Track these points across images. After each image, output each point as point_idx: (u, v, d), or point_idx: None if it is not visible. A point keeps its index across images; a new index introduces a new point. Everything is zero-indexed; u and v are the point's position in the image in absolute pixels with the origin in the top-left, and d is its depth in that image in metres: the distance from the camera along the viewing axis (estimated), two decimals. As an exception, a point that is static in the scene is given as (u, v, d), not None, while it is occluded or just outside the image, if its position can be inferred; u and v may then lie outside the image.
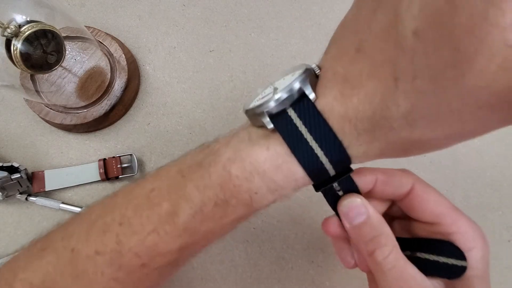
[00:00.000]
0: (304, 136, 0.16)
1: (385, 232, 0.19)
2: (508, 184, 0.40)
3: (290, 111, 0.16)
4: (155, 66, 0.40)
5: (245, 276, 0.35)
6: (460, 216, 0.19)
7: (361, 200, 0.19)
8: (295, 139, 0.16)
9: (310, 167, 0.17)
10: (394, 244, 0.18)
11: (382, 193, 0.21)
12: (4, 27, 0.26)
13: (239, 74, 0.41)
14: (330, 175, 0.17)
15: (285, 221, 0.37)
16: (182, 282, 0.35)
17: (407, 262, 0.18)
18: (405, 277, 0.18)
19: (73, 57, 0.37)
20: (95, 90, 0.36)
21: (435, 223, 0.20)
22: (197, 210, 0.18)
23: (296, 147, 0.16)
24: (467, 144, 0.41)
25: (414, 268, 0.18)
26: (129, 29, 0.41)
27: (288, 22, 0.42)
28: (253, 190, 0.17)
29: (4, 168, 0.33)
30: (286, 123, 0.16)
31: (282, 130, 0.16)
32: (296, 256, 0.36)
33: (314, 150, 0.16)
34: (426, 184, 0.21)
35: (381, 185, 0.20)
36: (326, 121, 0.16)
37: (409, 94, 0.13)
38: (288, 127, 0.16)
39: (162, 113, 0.39)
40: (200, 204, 0.18)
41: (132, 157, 0.37)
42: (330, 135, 0.16)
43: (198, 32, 0.42)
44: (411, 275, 0.18)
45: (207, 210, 0.18)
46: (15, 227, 0.35)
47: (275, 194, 0.18)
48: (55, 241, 0.20)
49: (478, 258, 0.18)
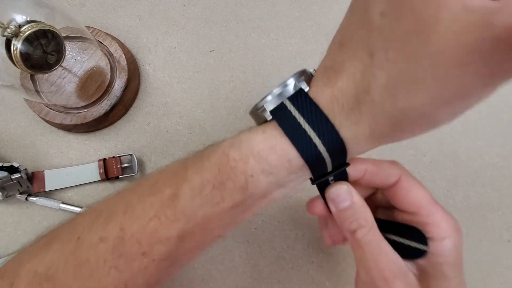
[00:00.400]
0: (297, 120, 0.17)
1: (365, 215, 0.21)
2: (508, 184, 0.40)
3: (285, 101, 0.18)
4: (155, 66, 0.40)
5: (245, 276, 0.35)
6: (437, 209, 0.21)
7: (347, 187, 0.21)
8: (289, 122, 0.18)
9: (302, 147, 0.18)
10: (372, 225, 0.21)
11: (370, 182, 0.23)
12: (4, 27, 0.26)
13: (239, 74, 0.41)
14: (323, 156, 0.18)
15: (285, 221, 0.37)
16: (182, 282, 0.35)
17: (382, 240, 0.21)
18: (380, 252, 0.20)
19: (73, 57, 0.37)
20: (95, 90, 0.36)
21: (414, 213, 0.22)
22: (196, 192, 0.19)
23: (290, 129, 0.18)
24: (467, 145, 0.41)
25: (389, 246, 0.20)
26: (129, 29, 0.41)
27: (288, 22, 0.42)
28: (248, 173, 0.18)
29: (4, 168, 0.33)
30: (281, 110, 0.18)
31: (277, 116, 0.18)
32: (296, 256, 0.36)
33: (307, 132, 0.17)
34: (411, 177, 0.23)
35: (370, 175, 0.22)
36: (317, 105, 0.17)
37: (384, 65, 0.15)
38: (282, 113, 0.18)
39: (162, 113, 0.39)
40: (199, 186, 0.19)
41: (132, 157, 0.37)
42: (322, 117, 0.17)
43: (198, 32, 0.42)
44: (384, 251, 0.20)
45: (205, 192, 0.19)
46: (15, 227, 0.35)
47: (270, 178, 0.18)
48: (61, 233, 0.21)
49: (450, 247, 0.20)
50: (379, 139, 0.17)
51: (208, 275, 0.35)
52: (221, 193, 0.19)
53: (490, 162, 0.40)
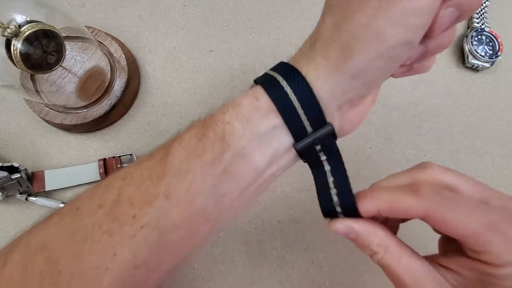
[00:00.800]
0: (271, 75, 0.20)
1: (376, 240, 0.20)
2: (508, 184, 0.40)
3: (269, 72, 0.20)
4: (155, 66, 0.40)
5: (245, 276, 0.35)
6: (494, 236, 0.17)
7: (343, 226, 0.20)
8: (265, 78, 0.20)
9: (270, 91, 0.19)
10: (386, 247, 0.20)
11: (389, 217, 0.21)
12: (4, 27, 0.26)
13: (239, 74, 0.41)
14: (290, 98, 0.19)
15: (285, 221, 0.37)
16: (183, 283, 0.35)
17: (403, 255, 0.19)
18: (401, 272, 0.19)
19: (73, 57, 0.37)
20: (95, 90, 0.36)
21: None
22: (183, 146, 0.20)
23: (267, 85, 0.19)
24: (467, 145, 0.41)
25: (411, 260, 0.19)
26: (129, 29, 0.41)
27: (288, 22, 0.42)
28: (226, 120, 0.19)
29: (4, 168, 0.33)
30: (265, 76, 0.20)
31: (260, 79, 0.20)
32: (296, 256, 0.36)
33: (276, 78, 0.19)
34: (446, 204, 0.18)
35: (385, 214, 0.20)
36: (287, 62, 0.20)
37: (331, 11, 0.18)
38: (265, 77, 0.20)
39: (162, 113, 0.39)
40: (187, 140, 0.20)
41: (132, 157, 0.37)
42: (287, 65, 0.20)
43: (198, 32, 0.42)
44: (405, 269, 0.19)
45: (191, 145, 0.19)
46: (15, 227, 0.35)
47: (246, 128, 0.19)
48: (61, 208, 0.21)
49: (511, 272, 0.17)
50: (339, 72, 0.18)
51: (208, 275, 0.35)
52: (203, 144, 0.19)
53: (491, 162, 0.40)
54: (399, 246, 0.20)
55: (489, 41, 0.43)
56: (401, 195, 0.19)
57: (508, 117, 0.42)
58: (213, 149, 0.19)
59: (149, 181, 0.19)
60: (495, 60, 0.42)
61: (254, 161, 0.19)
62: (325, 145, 0.20)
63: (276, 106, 0.19)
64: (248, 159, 0.19)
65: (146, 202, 0.19)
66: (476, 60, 0.43)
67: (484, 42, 0.43)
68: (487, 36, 0.43)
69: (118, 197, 0.19)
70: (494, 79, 0.44)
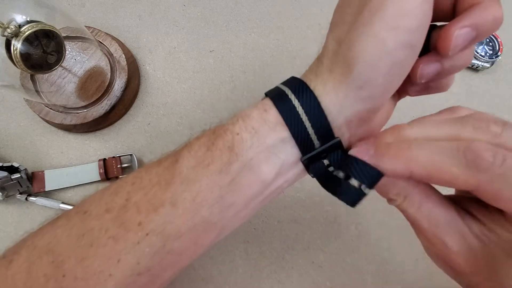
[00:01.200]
0: (281, 88, 0.20)
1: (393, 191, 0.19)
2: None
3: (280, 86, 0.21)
4: (155, 66, 0.40)
5: (245, 276, 0.35)
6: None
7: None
8: (277, 94, 0.20)
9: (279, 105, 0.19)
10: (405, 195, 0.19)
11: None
12: (4, 27, 0.26)
13: (239, 74, 0.41)
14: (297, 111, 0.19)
15: (285, 222, 0.37)
16: (183, 283, 0.35)
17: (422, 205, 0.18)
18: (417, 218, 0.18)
19: (73, 57, 0.37)
20: (95, 90, 0.36)
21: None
22: (192, 154, 0.20)
23: (276, 97, 0.20)
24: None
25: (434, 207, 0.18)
26: (129, 29, 0.41)
27: (288, 22, 0.42)
28: (235, 131, 0.19)
29: (4, 168, 0.33)
30: (276, 89, 0.20)
31: (270, 92, 0.20)
32: (296, 257, 0.36)
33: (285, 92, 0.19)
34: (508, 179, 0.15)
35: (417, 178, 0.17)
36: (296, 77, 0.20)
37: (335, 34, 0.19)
38: (275, 90, 0.20)
39: (162, 113, 0.39)
40: (196, 149, 0.20)
41: (132, 157, 0.37)
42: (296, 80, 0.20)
43: (198, 32, 0.42)
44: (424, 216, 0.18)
45: (200, 154, 0.20)
46: (15, 227, 0.35)
47: (254, 138, 0.19)
48: (69, 211, 0.21)
49: None
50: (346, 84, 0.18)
51: (208, 275, 0.35)
52: (212, 154, 0.19)
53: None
54: (422, 195, 0.18)
55: (489, 41, 0.43)
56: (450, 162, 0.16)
57: (508, 117, 0.42)
58: (221, 159, 0.19)
59: (158, 186, 0.20)
60: (495, 60, 0.42)
61: (261, 173, 0.19)
62: (333, 160, 0.19)
63: (283, 118, 0.19)
64: (255, 170, 0.19)
65: (153, 209, 0.19)
66: (476, 60, 0.43)
67: (484, 42, 0.43)
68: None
69: (126, 202, 0.20)
70: (494, 79, 0.44)
